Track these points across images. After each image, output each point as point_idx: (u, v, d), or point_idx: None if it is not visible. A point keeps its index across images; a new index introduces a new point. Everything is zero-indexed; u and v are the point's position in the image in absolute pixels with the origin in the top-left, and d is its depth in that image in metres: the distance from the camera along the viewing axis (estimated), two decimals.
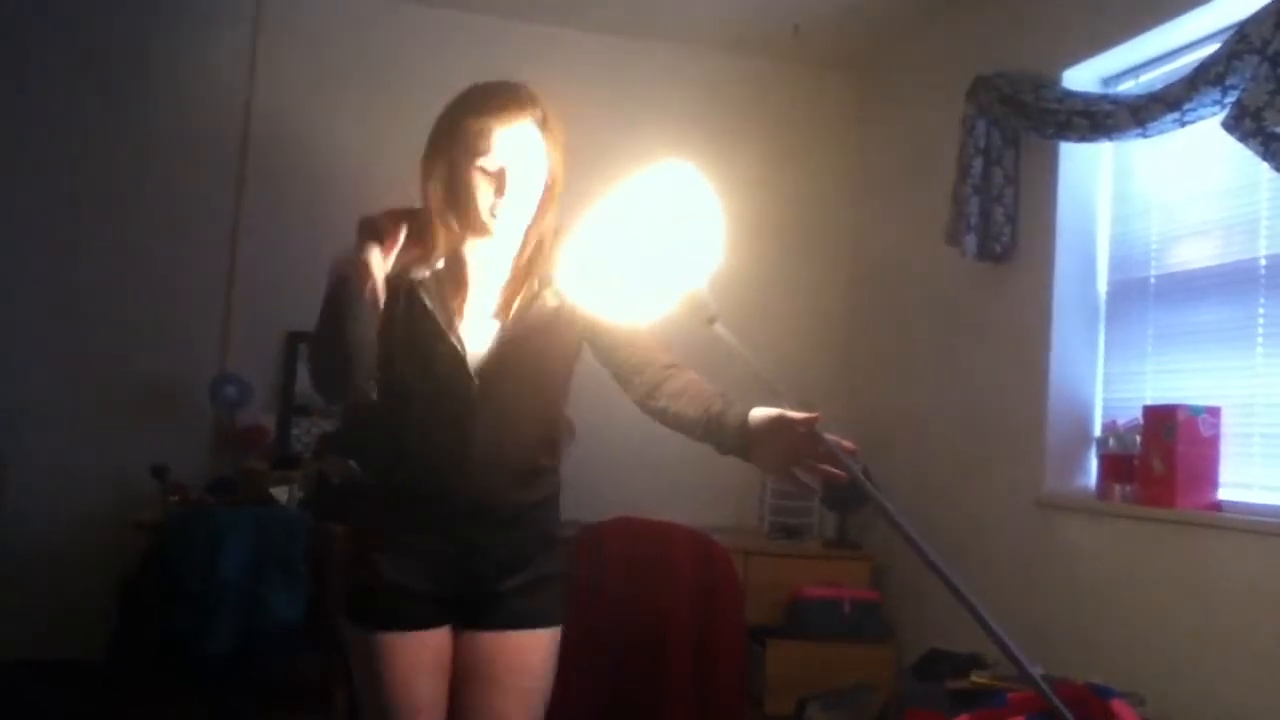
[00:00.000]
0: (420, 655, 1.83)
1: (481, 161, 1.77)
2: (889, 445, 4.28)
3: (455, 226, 1.82)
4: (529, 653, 1.88)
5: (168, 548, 3.30)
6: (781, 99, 4.82)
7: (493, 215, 1.79)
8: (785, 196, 4.73)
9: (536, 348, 1.84)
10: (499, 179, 1.77)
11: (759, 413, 1.63)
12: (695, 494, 4.25)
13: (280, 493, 3.72)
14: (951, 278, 3.94)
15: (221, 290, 4.23)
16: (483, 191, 1.78)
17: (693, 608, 3.28)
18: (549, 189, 1.85)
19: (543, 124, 1.82)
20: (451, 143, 1.80)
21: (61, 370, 4.03)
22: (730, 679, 3.34)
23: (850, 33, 4.51)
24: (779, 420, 1.58)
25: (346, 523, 2.05)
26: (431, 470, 1.82)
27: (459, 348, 1.80)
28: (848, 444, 1.50)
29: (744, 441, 1.65)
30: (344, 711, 3.22)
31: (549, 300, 1.84)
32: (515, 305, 1.83)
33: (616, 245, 1.45)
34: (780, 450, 1.60)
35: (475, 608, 1.86)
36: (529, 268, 1.85)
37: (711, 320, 1.44)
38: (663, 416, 1.80)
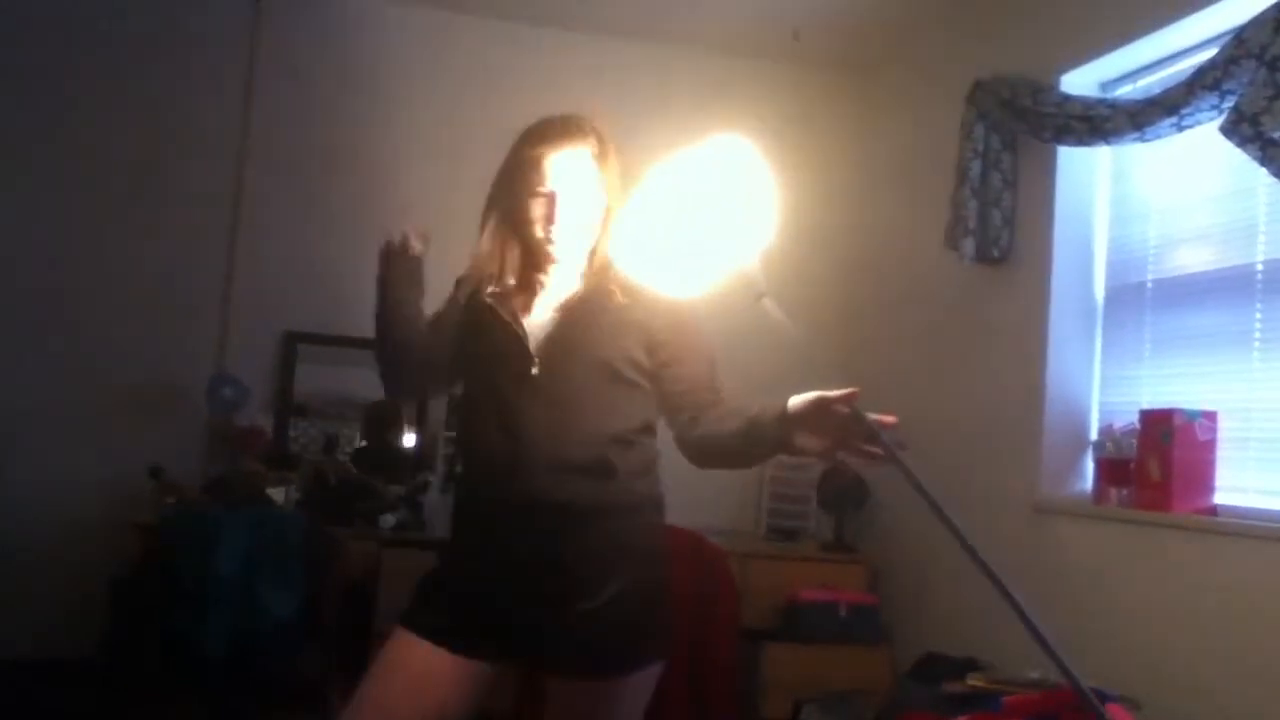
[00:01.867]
0: (410, 658, 1.76)
1: (536, 189, 1.82)
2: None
3: (517, 254, 1.88)
4: (604, 702, 1.75)
5: (164, 548, 3.30)
6: (780, 103, 4.82)
7: (548, 240, 1.83)
8: (783, 200, 4.73)
9: (601, 332, 1.81)
10: (549, 203, 1.82)
11: (798, 399, 1.59)
12: (692, 496, 4.19)
13: (277, 493, 3.72)
14: (949, 281, 3.94)
15: (219, 291, 4.23)
16: (535, 216, 1.83)
17: (688, 610, 3.28)
18: (607, 214, 1.87)
19: (598, 153, 1.87)
20: (510, 173, 1.87)
21: (58, 371, 4.03)
22: (725, 682, 3.34)
23: (849, 37, 4.51)
24: (818, 402, 1.55)
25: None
26: (494, 462, 1.78)
27: (520, 331, 1.81)
28: (888, 418, 1.46)
29: (785, 430, 1.59)
30: (340, 711, 3.22)
31: (617, 296, 1.80)
32: (582, 298, 1.84)
33: (669, 219, 1.44)
34: (823, 433, 1.56)
35: (540, 640, 1.75)
36: (599, 278, 1.85)
37: (761, 296, 1.44)
38: (703, 443, 1.77)
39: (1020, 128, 3.49)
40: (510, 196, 1.87)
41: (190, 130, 4.23)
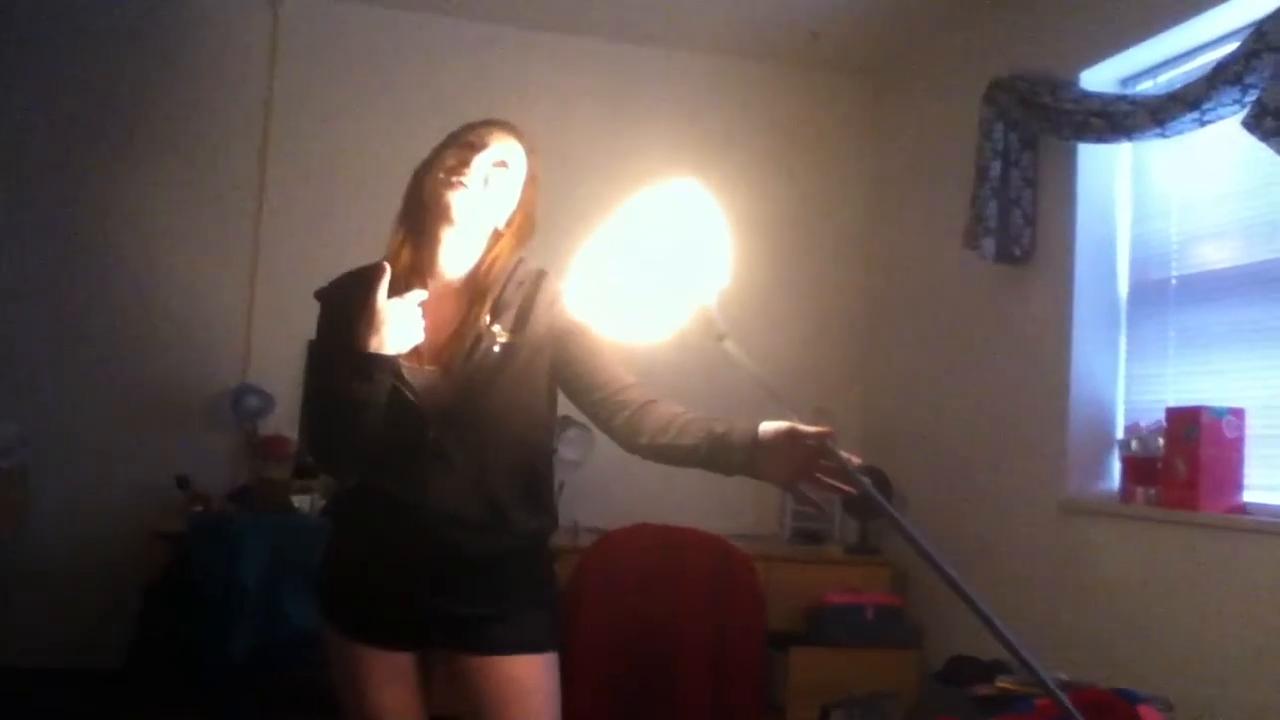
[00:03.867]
0: (378, 667, 1.80)
1: (452, 161, 1.77)
2: (909, 451, 4.26)
3: (407, 234, 1.80)
4: (528, 677, 1.81)
5: (189, 556, 3.32)
6: (796, 105, 4.82)
7: (453, 183, 1.75)
8: (800, 202, 4.74)
9: (495, 394, 1.76)
10: (470, 150, 1.77)
11: (769, 426, 1.58)
12: (715, 500, 4.23)
13: (302, 501, 3.74)
14: (970, 281, 3.92)
15: (243, 301, 4.27)
16: (450, 162, 1.77)
17: (712, 615, 3.27)
18: (510, 223, 1.83)
19: (522, 143, 1.83)
20: (437, 151, 1.81)
21: (85, 382, 4.07)
22: (750, 687, 3.32)
23: (866, 37, 4.51)
24: (790, 433, 1.54)
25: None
26: (393, 517, 1.76)
27: (410, 395, 1.73)
28: (857, 459, 1.47)
29: (752, 456, 1.59)
30: None
31: (503, 343, 1.76)
32: (467, 347, 1.75)
33: (624, 265, 1.44)
34: (790, 463, 1.56)
35: (455, 633, 1.79)
36: (478, 299, 1.78)
37: (721, 338, 1.43)
38: (653, 453, 1.72)
39: (1040, 126, 3.47)
40: (424, 176, 1.80)
41: (213, 142, 4.27)
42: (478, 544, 1.77)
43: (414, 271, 1.80)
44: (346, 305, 1.74)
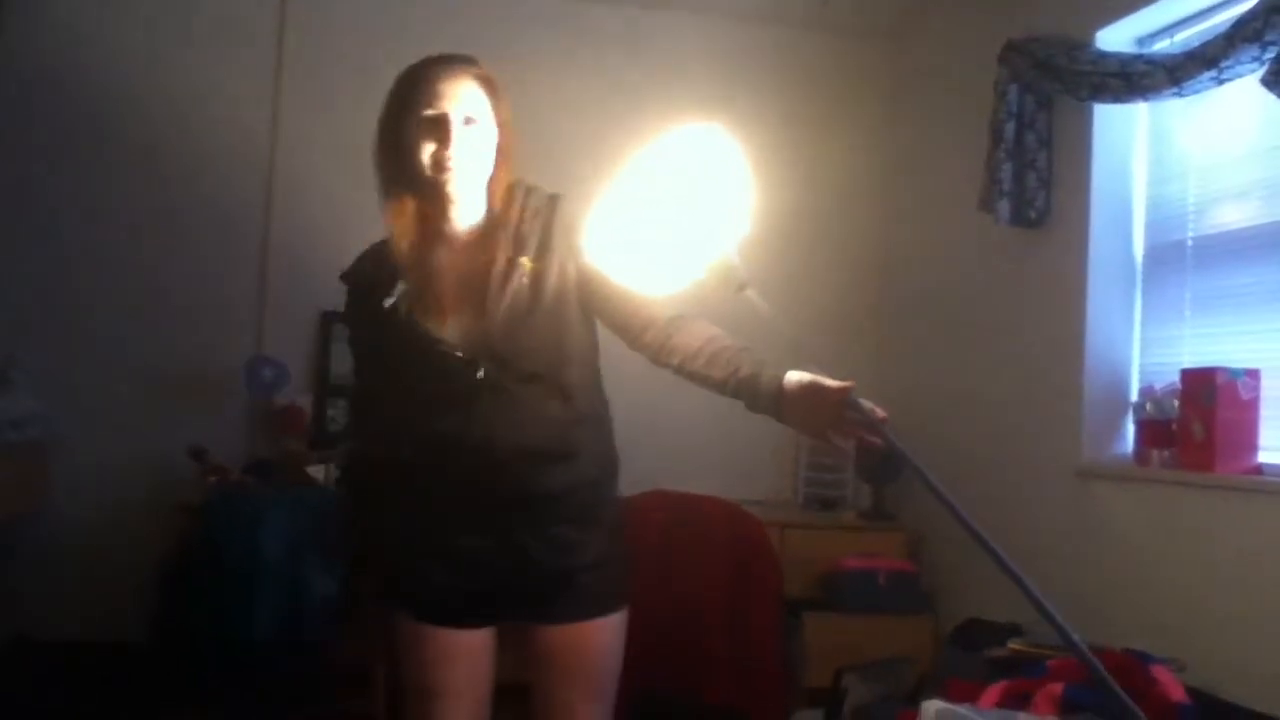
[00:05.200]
0: (452, 645, 1.83)
1: (424, 112, 1.74)
2: (925, 416, 4.25)
3: (411, 203, 1.79)
4: (595, 642, 1.86)
5: (208, 529, 3.34)
6: (810, 71, 4.78)
7: (440, 170, 1.74)
8: (815, 169, 4.70)
9: (536, 322, 1.78)
10: (442, 126, 1.74)
11: (794, 377, 1.61)
12: (730, 467, 4.24)
13: (317, 472, 3.75)
14: (985, 245, 3.90)
15: (256, 272, 4.27)
16: (427, 143, 1.75)
17: (728, 581, 3.28)
18: (501, 150, 1.81)
19: (485, 81, 1.80)
20: (397, 111, 1.79)
21: (99, 357, 4.09)
22: (767, 652, 3.35)
23: (879, 2, 4.46)
24: (813, 386, 1.57)
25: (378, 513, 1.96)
26: (459, 467, 1.77)
27: (454, 346, 1.76)
28: (880, 412, 1.49)
29: (777, 404, 1.62)
30: (384, 690, 3.26)
31: (527, 268, 1.78)
32: (497, 286, 1.77)
33: (644, 211, 1.44)
34: (815, 415, 1.58)
35: (533, 599, 1.82)
36: (497, 239, 1.80)
37: (742, 287, 1.43)
38: (683, 375, 1.76)
39: (1055, 87, 3.43)
40: (397, 134, 1.77)
41: (223, 113, 4.26)
42: (550, 475, 1.79)
43: (426, 240, 1.81)
44: (371, 286, 1.80)
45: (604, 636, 1.87)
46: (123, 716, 3.41)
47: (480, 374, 1.75)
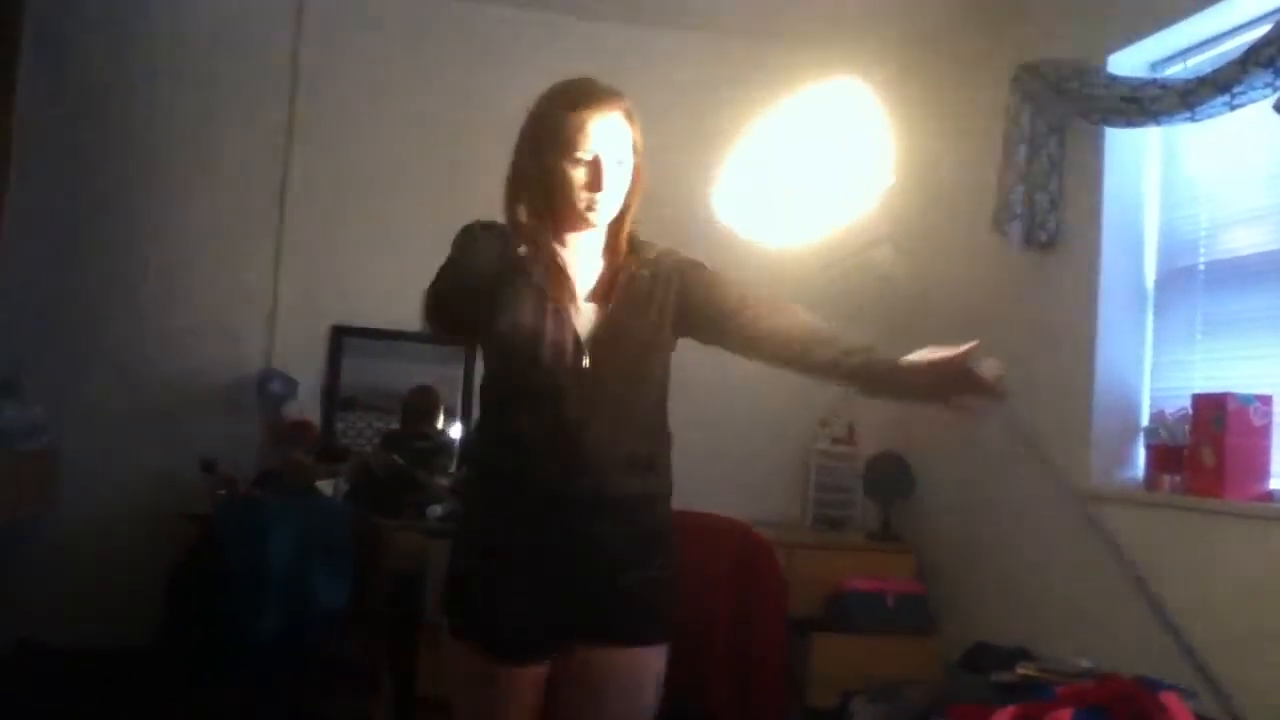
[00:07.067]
0: (519, 679, 1.80)
1: (578, 154, 1.77)
2: (934, 437, 4.24)
3: (550, 224, 1.83)
4: (639, 671, 1.82)
5: (217, 538, 3.35)
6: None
7: (590, 209, 1.80)
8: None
9: (641, 324, 1.83)
10: (594, 171, 1.77)
11: (909, 357, 1.73)
12: (737, 486, 4.23)
13: (326, 485, 3.76)
14: (996, 267, 3.89)
15: (268, 286, 4.29)
16: (578, 185, 1.78)
17: (734, 600, 3.28)
18: (636, 179, 1.85)
19: (629, 116, 1.84)
20: (544, 141, 1.81)
21: (111, 367, 4.11)
22: (772, 672, 3.33)
23: (890, 25, 4.47)
24: (933, 352, 1.72)
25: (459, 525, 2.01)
26: (548, 457, 1.76)
27: (571, 324, 1.79)
28: (999, 368, 1.56)
29: (895, 376, 1.78)
30: (390, 697, 3.25)
31: (645, 274, 1.85)
32: (617, 284, 1.83)
33: (779, 169, 1.42)
34: (935, 379, 1.75)
35: (590, 614, 1.78)
36: (622, 251, 1.87)
37: (886, 279, 1.45)
38: (779, 358, 1.84)
39: (1067, 110, 3.44)
40: (543, 165, 1.80)
41: (237, 128, 4.29)
42: (631, 480, 1.80)
43: (541, 239, 1.83)
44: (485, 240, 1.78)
45: (645, 667, 1.83)
46: None
47: (585, 361, 1.78)
